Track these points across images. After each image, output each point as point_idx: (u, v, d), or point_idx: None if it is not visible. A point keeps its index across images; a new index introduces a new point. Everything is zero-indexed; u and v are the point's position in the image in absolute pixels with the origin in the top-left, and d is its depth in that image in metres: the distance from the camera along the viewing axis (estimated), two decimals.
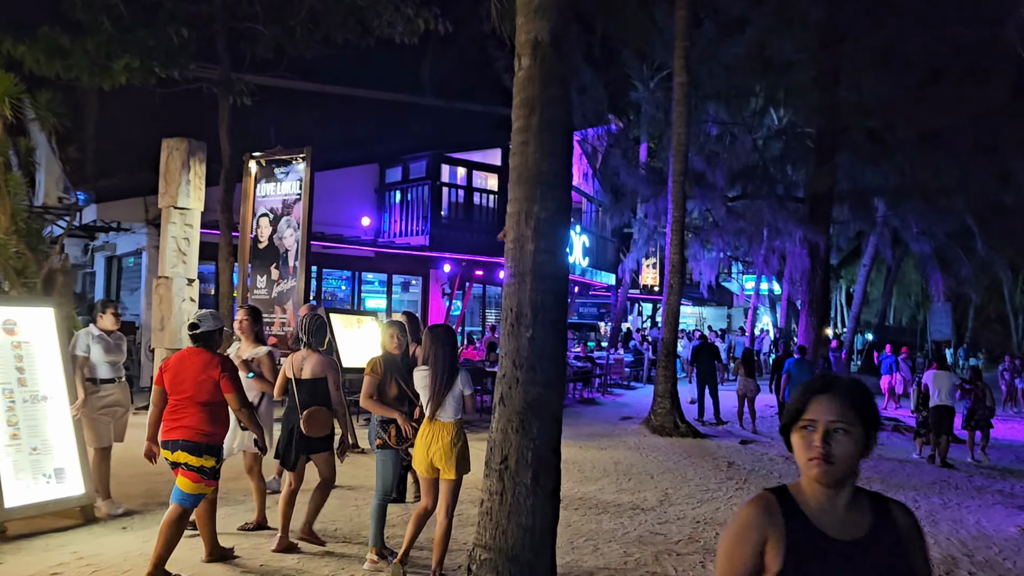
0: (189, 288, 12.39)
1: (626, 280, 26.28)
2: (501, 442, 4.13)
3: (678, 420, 13.36)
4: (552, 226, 4.17)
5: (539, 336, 4.13)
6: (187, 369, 4.85)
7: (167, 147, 12.38)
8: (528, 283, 4.13)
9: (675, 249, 13.62)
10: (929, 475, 11.03)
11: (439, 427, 4.81)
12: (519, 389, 4.11)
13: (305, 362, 5.67)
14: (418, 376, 5.00)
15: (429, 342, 4.98)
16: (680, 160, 13.61)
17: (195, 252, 12.47)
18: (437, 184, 18.50)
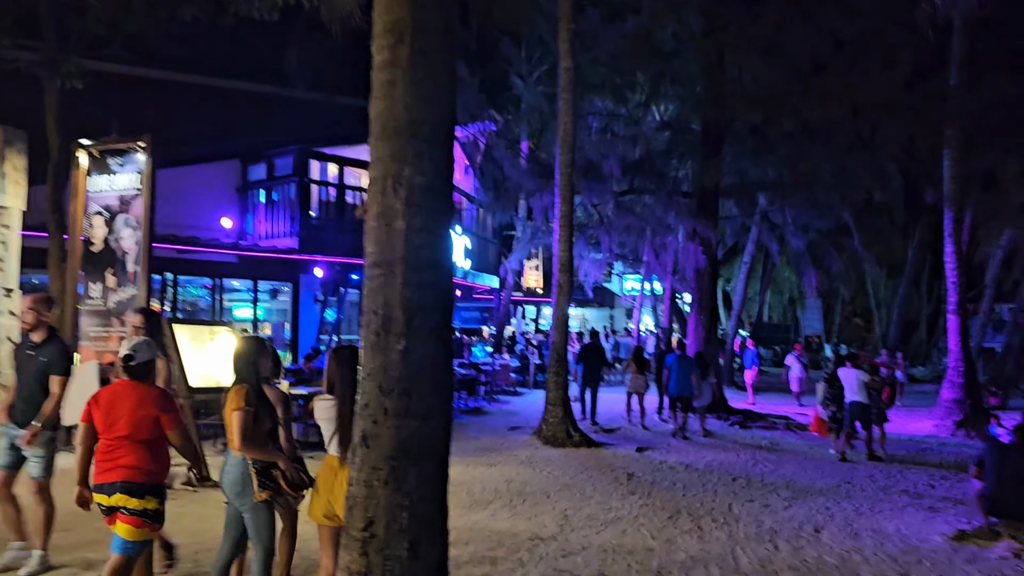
0: (7, 300, 10.50)
1: (509, 282, 25.43)
2: (364, 500, 2.96)
3: (571, 429, 12.49)
4: (431, 196, 3.04)
5: (416, 349, 2.99)
6: (121, 405, 4.39)
7: None
8: (399, 275, 2.98)
9: (564, 246, 12.76)
10: (831, 476, 10.56)
11: (343, 466, 4.18)
12: (388, 424, 2.96)
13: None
14: (321, 407, 4.41)
15: (335, 365, 4.39)
16: (567, 151, 12.77)
17: (14, 258, 10.58)
18: (305, 181, 17.00)
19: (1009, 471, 7.12)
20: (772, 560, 6.50)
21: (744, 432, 14.77)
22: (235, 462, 4.49)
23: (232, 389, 4.53)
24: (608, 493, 9.07)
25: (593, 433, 13.70)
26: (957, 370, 15.92)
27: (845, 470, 11.09)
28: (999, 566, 6.43)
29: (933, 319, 47.08)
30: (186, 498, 8.08)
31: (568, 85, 12.68)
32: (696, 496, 9.05)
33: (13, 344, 10.62)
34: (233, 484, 4.51)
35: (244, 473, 4.47)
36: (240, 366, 4.62)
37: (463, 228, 23.74)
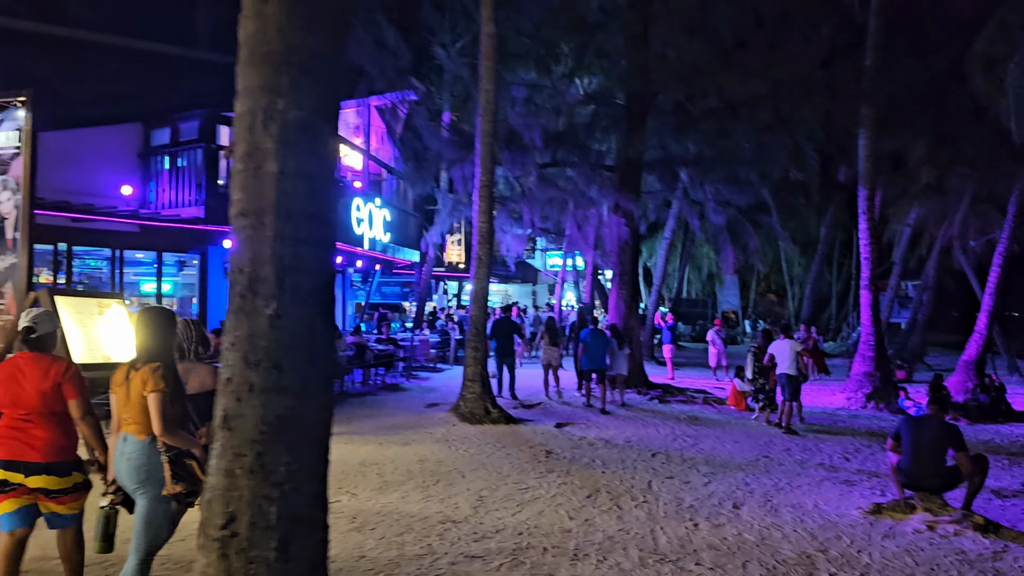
0: None
1: (430, 256, 24.90)
2: (224, 492, 2.51)
3: (489, 406, 12.16)
4: (310, 136, 2.57)
5: (290, 314, 2.54)
6: (25, 379, 4.15)
7: None
8: (269, 226, 2.51)
9: (483, 217, 12.36)
10: (749, 450, 10.53)
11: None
12: (254, 402, 2.51)
13: (190, 374, 4.67)
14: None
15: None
16: (488, 120, 12.32)
17: None
18: (212, 147, 16.08)
19: (924, 444, 7.10)
20: (692, 539, 6.30)
21: (663, 407, 14.73)
22: (138, 448, 4.01)
23: (144, 368, 4.04)
24: (525, 471, 8.78)
25: (513, 409, 13.42)
26: (868, 344, 16.22)
27: (762, 444, 11.09)
28: (915, 540, 6.38)
29: (843, 295, 48.70)
30: None
31: (490, 52, 12.22)
32: (615, 473, 8.84)
33: None
34: (135, 472, 4.01)
35: (151, 461, 4.01)
36: (151, 343, 4.13)
37: (383, 200, 23.05)
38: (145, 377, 3.99)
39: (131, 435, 4.02)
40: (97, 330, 8.67)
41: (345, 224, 20.09)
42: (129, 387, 4.02)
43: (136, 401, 3.99)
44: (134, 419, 4.01)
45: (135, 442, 4.01)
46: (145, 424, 3.97)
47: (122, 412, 4.07)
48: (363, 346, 16.25)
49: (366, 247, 21.35)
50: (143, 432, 3.99)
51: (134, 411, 4.01)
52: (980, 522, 6.58)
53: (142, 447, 3.99)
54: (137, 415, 4.01)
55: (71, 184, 15.04)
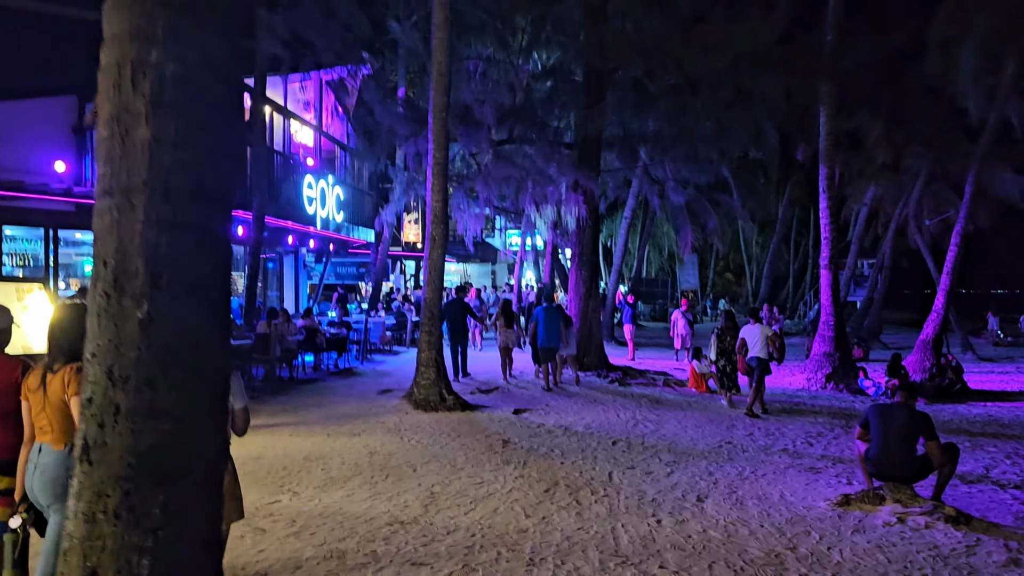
0: None
1: (386, 236, 24.27)
2: (83, 541, 2.02)
3: (444, 392, 11.72)
4: (196, 96, 2.06)
5: (167, 317, 2.04)
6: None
7: None
8: (140, 208, 2.02)
9: (437, 196, 11.83)
10: (712, 436, 10.24)
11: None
12: (121, 428, 2.03)
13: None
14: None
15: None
16: (441, 93, 11.77)
17: None
18: None
19: (893, 432, 6.83)
20: (655, 538, 5.94)
21: (623, 389, 14.43)
22: (55, 459, 3.59)
23: (63, 369, 3.63)
24: (481, 463, 8.36)
25: (469, 395, 13.01)
26: (828, 324, 16.09)
27: (724, 429, 10.82)
28: (885, 534, 6.10)
29: (800, 275, 49.12)
30: None
31: (443, 22, 11.66)
32: (575, 464, 8.47)
33: None
34: (50, 485, 3.58)
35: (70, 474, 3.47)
36: (69, 340, 3.66)
37: (335, 178, 22.37)
38: (67, 378, 3.58)
39: (47, 444, 3.63)
40: (17, 318, 7.98)
41: (297, 203, 19.41)
42: (46, 391, 3.62)
43: (56, 406, 3.60)
44: (52, 426, 3.62)
45: (51, 452, 3.61)
46: (66, 431, 3.58)
47: (37, 419, 3.67)
48: (314, 330, 15.67)
49: (318, 227, 20.70)
50: (60, 440, 3.60)
51: (53, 417, 3.62)
52: (951, 514, 6.33)
53: (59, 458, 3.57)
54: (57, 422, 3.62)
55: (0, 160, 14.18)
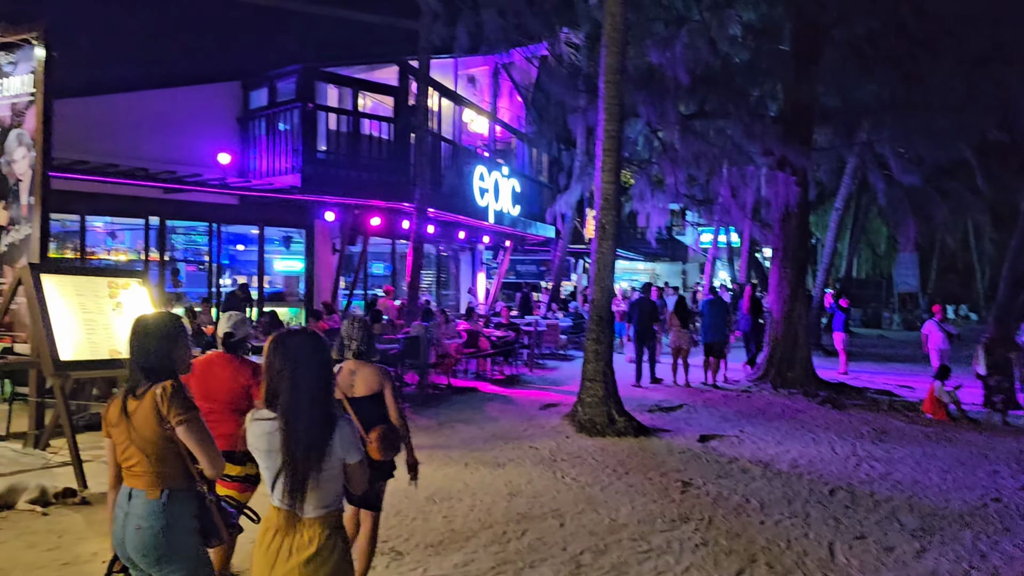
0: None
1: (565, 231, 22.54)
2: None
3: (614, 412, 9.71)
4: None
5: None
6: (217, 376, 4.38)
7: None
8: None
9: (607, 176, 9.85)
10: (968, 485, 7.54)
11: (295, 526, 2.63)
12: None
13: (356, 376, 4.36)
14: (256, 429, 2.70)
15: (280, 360, 2.69)
16: (615, 52, 9.79)
17: None
18: (311, 107, 14.38)
19: None
20: None
21: (838, 414, 11.73)
22: (152, 509, 2.83)
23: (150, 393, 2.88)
24: (650, 518, 6.30)
25: (646, 413, 10.94)
26: None
27: (985, 476, 8.06)
28: None
29: None
30: (22, 526, 5.63)
31: None
32: (779, 525, 6.22)
33: None
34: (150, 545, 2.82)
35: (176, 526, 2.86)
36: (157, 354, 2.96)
37: (510, 169, 20.91)
38: (159, 401, 2.85)
39: (139, 490, 2.86)
40: (106, 317, 6.94)
41: (467, 195, 18.10)
42: (131, 423, 2.87)
43: (147, 439, 2.86)
44: (143, 467, 2.87)
45: (145, 502, 2.84)
46: (162, 473, 2.85)
47: (123, 458, 2.91)
48: (476, 332, 14.18)
49: (491, 220, 19.30)
50: (156, 485, 2.85)
51: (144, 454, 2.87)
52: None
53: (154, 509, 2.82)
54: (149, 460, 2.87)
55: (164, 151, 13.78)
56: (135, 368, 2.92)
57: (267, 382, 2.71)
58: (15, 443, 7.97)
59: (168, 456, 2.85)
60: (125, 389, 2.93)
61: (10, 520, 5.57)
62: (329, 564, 2.61)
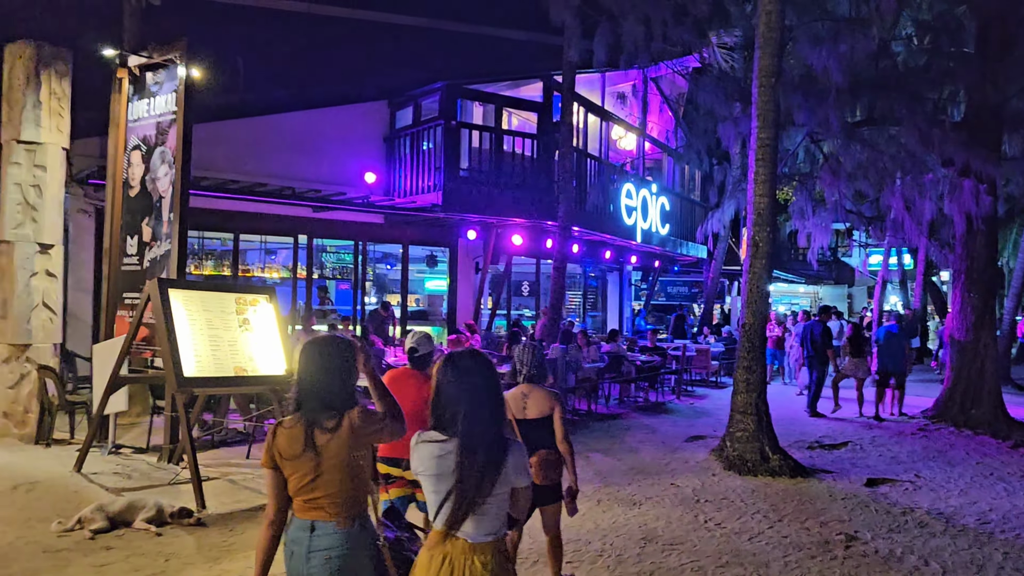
0: (43, 258, 8.67)
1: (718, 251, 21.39)
2: None
3: (767, 449, 8.74)
4: None
5: None
6: (403, 389, 4.33)
7: (9, 55, 8.68)
8: None
9: (761, 188, 8.96)
10: None
11: (463, 552, 2.55)
12: None
13: (528, 399, 4.59)
14: (424, 452, 2.63)
15: (452, 382, 2.64)
16: (770, 53, 8.92)
17: (53, 206, 8.75)
18: (453, 125, 14.26)
19: None
20: None
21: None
22: (343, 539, 2.80)
23: (345, 423, 2.83)
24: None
25: (805, 450, 9.88)
26: None
27: None
28: None
29: None
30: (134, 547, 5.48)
31: None
32: None
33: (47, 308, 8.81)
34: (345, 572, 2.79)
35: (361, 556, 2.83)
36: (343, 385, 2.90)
37: (659, 187, 20.08)
38: (359, 428, 2.82)
39: (324, 522, 2.79)
40: (232, 333, 6.85)
41: (614, 214, 17.48)
42: (322, 456, 2.78)
43: (340, 468, 2.80)
44: (333, 498, 2.80)
45: (335, 532, 2.78)
46: (354, 502, 2.83)
47: (305, 492, 2.79)
48: (619, 356, 13.48)
49: (639, 240, 18.56)
50: (346, 516, 2.80)
51: (337, 485, 2.80)
52: None
53: (346, 538, 2.79)
54: (342, 491, 2.81)
55: (313, 171, 14.06)
56: (315, 402, 2.81)
57: (437, 404, 2.65)
58: (152, 456, 8.09)
59: (360, 485, 2.84)
60: (304, 422, 2.78)
61: (124, 539, 5.48)
62: None
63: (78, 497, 6.39)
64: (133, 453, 8.28)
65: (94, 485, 6.82)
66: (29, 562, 5.00)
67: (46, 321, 8.82)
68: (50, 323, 8.89)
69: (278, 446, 2.79)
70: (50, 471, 7.28)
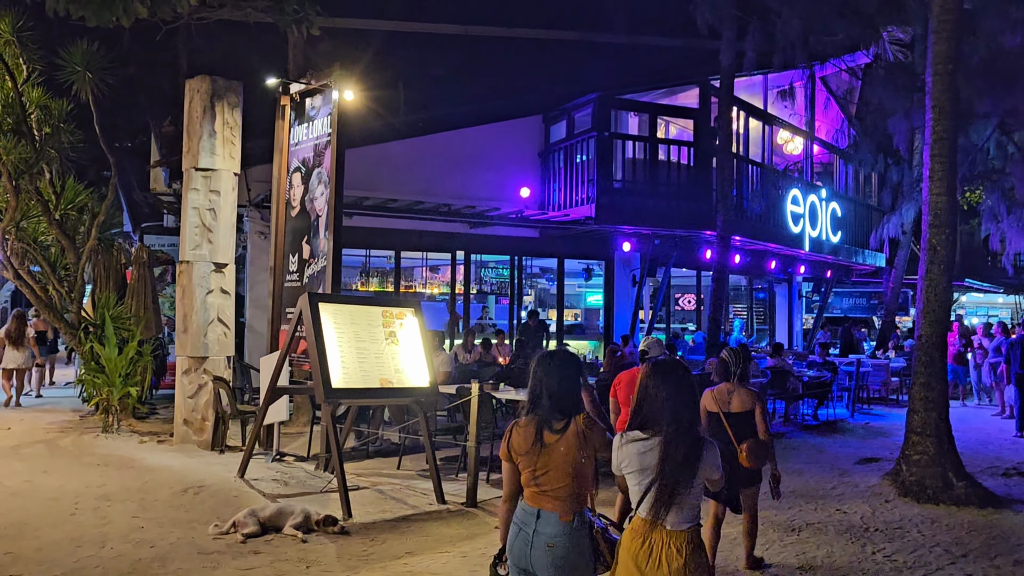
0: (218, 276, 9.30)
1: (898, 260, 19.80)
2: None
3: (950, 474, 7.88)
4: None
5: None
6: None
7: (189, 90, 9.41)
8: None
9: (938, 186, 8.15)
10: None
11: (662, 539, 2.93)
12: None
13: (732, 395, 5.41)
14: (630, 450, 3.05)
15: (655, 387, 3.07)
16: (946, 38, 8.13)
17: (226, 228, 9.37)
18: (605, 136, 14.06)
19: None
20: None
21: None
22: (563, 531, 3.12)
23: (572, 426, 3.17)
24: None
25: (999, 478, 8.86)
26: None
27: None
28: None
29: None
30: (279, 552, 5.66)
31: None
32: None
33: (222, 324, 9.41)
34: (560, 563, 3.09)
35: (579, 547, 3.14)
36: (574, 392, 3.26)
37: (829, 192, 18.91)
38: (582, 432, 3.13)
39: (550, 512, 3.13)
40: (378, 346, 6.99)
41: (779, 221, 16.65)
42: (551, 453, 3.13)
43: (564, 469, 3.12)
44: (560, 492, 3.13)
45: (558, 523, 3.11)
46: (577, 498, 3.15)
47: (537, 482, 3.14)
48: (784, 372, 12.72)
49: (807, 248, 17.57)
50: (570, 511, 3.13)
51: (562, 481, 3.12)
52: None
53: (567, 531, 3.11)
54: (567, 486, 3.13)
55: (469, 188, 14.31)
56: (548, 405, 3.14)
57: (639, 406, 3.06)
58: (311, 464, 8.43)
59: (583, 484, 3.12)
60: (536, 421, 3.14)
61: (272, 544, 5.68)
62: (696, 571, 2.88)
63: (237, 501, 6.73)
64: (295, 461, 8.66)
65: (253, 491, 7.17)
66: (184, 563, 5.28)
67: (221, 336, 9.44)
68: (224, 337, 9.51)
69: (513, 442, 3.17)
70: (218, 476, 7.74)
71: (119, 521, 6.23)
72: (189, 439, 9.37)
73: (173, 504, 6.72)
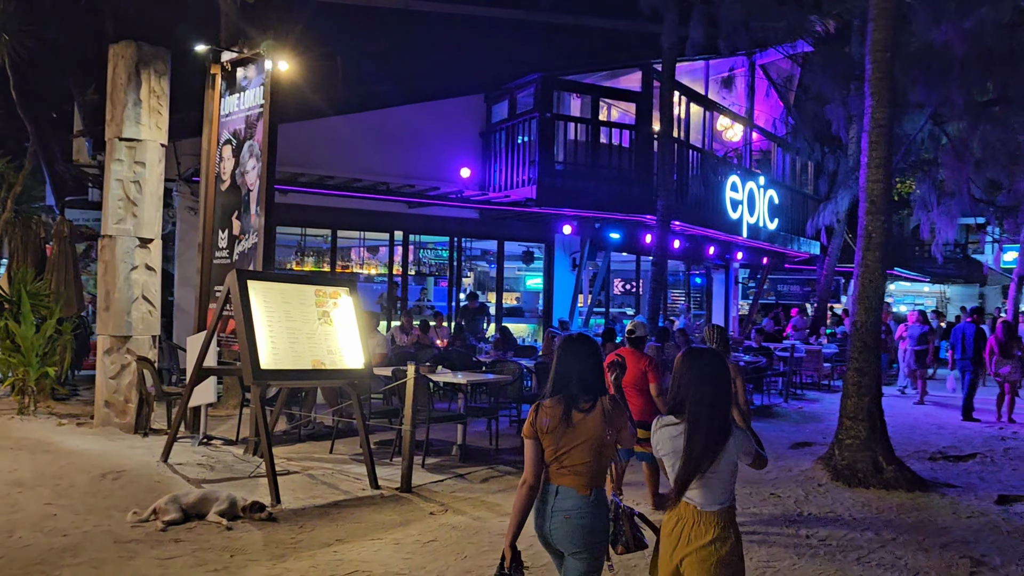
0: (142, 252, 8.88)
1: (832, 247, 20.19)
2: None
3: (881, 459, 8.01)
4: None
5: None
6: (629, 364, 6.04)
7: (113, 55, 8.93)
8: None
9: (875, 173, 8.23)
10: None
11: (693, 517, 3.07)
12: None
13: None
14: (664, 434, 3.21)
15: (688, 370, 3.19)
16: (884, 26, 8.20)
17: (152, 202, 8.94)
18: (548, 116, 13.92)
19: None
20: None
21: None
22: (582, 504, 3.30)
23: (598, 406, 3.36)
24: None
25: (926, 462, 9.08)
26: None
27: None
28: None
29: None
30: (201, 541, 5.40)
31: None
32: None
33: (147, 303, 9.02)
34: (577, 534, 3.27)
35: (598, 521, 3.33)
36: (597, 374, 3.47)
37: (767, 179, 19.15)
38: (608, 412, 3.34)
39: (568, 488, 3.31)
40: (311, 326, 6.74)
41: (718, 207, 16.77)
42: (576, 431, 3.31)
43: (590, 448, 3.31)
44: (581, 469, 3.31)
45: (576, 496, 3.30)
46: (596, 475, 3.33)
47: (560, 460, 3.31)
48: None
49: (744, 235, 17.75)
50: (588, 486, 3.31)
51: (586, 459, 3.31)
52: None
53: (586, 503, 3.30)
54: (590, 464, 3.32)
55: (408, 167, 14.00)
56: (577, 386, 3.34)
57: (675, 392, 3.18)
58: (239, 448, 8.14)
59: (603, 461, 3.32)
60: (563, 401, 3.31)
61: (194, 532, 5.42)
62: (722, 551, 2.98)
63: (160, 487, 6.42)
64: (223, 445, 8.36)
65: (177, 476, 6.87)
66: (98, 552, 4.99)
67: (145, 314, 9.03)
68: (149, 316, 9.10)
69: (539, 420, 3.31)
70: (140, 460, 7.39)
71: (30, 508, 5.88)
72: (111, 422, 8.97)
73: (90, 490, 6.38)
